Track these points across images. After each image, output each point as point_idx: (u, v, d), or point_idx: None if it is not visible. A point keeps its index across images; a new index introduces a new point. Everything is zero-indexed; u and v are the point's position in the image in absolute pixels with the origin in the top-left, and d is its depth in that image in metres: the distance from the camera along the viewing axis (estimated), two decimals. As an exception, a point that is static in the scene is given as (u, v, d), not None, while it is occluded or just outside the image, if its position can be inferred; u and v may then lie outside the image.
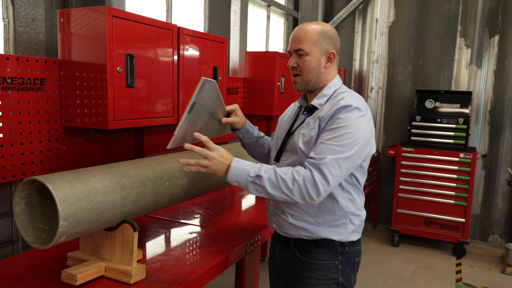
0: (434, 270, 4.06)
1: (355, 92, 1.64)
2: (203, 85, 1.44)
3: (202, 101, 1.50)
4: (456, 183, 4.35)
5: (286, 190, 1.44)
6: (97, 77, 1.79)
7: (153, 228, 2.15)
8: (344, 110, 1.49)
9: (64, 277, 1.47)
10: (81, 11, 1.80)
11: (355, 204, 1.61)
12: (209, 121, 1.65)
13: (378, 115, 5.24)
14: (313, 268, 1.62)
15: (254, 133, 1.87)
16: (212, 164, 1.48)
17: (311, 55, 1.60)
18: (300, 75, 1.63)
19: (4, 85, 1.72)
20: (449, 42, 4.78)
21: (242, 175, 1.47)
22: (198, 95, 1.44)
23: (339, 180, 1.47)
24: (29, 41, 2.01)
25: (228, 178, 1.49)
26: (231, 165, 1.48)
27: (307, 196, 1.44)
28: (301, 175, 1.44)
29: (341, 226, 1.60)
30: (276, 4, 4.60)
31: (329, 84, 1.65)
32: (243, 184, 1.49)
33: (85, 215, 1.36)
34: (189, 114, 1.46)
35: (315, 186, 1.43)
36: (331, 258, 1.61)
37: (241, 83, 3.51)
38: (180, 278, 1.57)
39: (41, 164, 1.90)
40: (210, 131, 1.70)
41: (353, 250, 1.64)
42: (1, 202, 1.91)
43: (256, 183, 1.46)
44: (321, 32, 1.60)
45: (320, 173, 1.43)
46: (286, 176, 1.45)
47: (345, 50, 5.35)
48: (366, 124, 1.52)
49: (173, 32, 2.13)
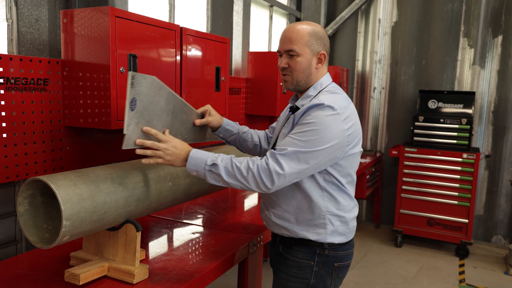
0: (437, 270, 4.05)
1: (340, 92, 1.64)
2: (136, 80, 1.42)
3: (147, 99, 1.49)
4: (459, 183, 4.34)
5: (241, 178, 1.48)
6: (100, 77, 1.79)
7: (156, 228, 2.16)
8: (315, 108, 1.50)
9: (67, 277, 1.48)
10: (84, 11, 1.80)
11: (337, 204, 1.60)
12: (179, 124, 1.68)
13: (381, 115, 5.23)
14: (288, 264, 1.65)
15: (234, 129, 1.91)
16: (166, 154, 1.51)
17: (302, 56, 1.60)
18: (290, 75, 1.63)
19: (8, 85, 1.73)
20: (452, 42, 4.77)
21: (200, 164, 1.50)
22: (133, 90, 1.42)
23: (298, 174, 1.48)
24: (32, 41, 2.01)
25: (187, 167, 1.52)
26: (190, 155, 1.52)
27: (262, 184, 1.46)
28: (256, 163, 1.47)
29: (320, 226, 1.60)
30: (278, 4, 4.60)
31: (314, 85, 1.65)
32: (201, 173, 1.52)
33: (88, 215, 1.36)
34: (132, 112, 1.43)
35: (269, 175, 1.45)
36: (308, 258, 1.62)
37: (244, 83, 3.52)
38: (183, 278, 1.57)
39: (44, 164, 1.91)
40: (185, 135, 1.74)
41: (334, 254, 1.62)
42: (4, 202, 1.92)
43: (212, 171, 1.50)
44: (312, 33, 1.60)
45: (276, 162, 1.46)
46: (241, 164, 1.48)
47: (347, 50, 5.35)
48: (339, 123, 1.50)
49: (176, 32, 2.13)
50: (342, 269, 1.67)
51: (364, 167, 4.29)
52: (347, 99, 1.62)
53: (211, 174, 1.50)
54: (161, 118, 1.58)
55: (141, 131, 1.49)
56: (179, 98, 1.65)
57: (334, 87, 1.66)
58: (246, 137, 1.94)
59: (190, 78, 2.29)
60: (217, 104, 2.57)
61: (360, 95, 5.36)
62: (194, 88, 2.33)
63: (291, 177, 1.47)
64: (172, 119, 1.64)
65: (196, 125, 1.78)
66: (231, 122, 1.90)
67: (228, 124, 1.89)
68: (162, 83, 1.55)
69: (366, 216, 5.40)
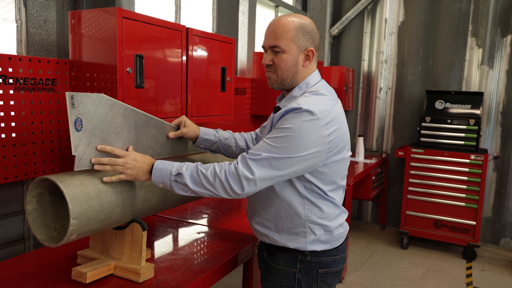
0: (444, 273, 4.02)
1: (325, 93, 1.53)
2: (76, 100, 1.35)
3: (97, 117, 1.41)
4: (466, 185, 4.31)
5: (208, 186, 1.41)
6: (107, 78, 1.81)
7: (162, 227, 2.17)
8: (292, 112, 1.40)
9: (74, 275, 1.49)
10: (91, 12, 1.82)
11: (320, 212, 1.51)
12: (148, 139, 1.64)
13: (387, 116, 5.21)
14: (272, 272, 1.60)
15: (214, 138, 1.81)
16: (126, 169, 1.43)
17: (288, 53, 1.49)
18: (275, 73, 1.54)
19: (17, 86, 1.75)
20: (460, 42, 4.74)
21: (165, 175, 1.43)
22: (74, 110, 1.33)
23: (269, 180, 1.40)
24: (41, 42, 2.04)
25: (152, 180, 1.45)
26: (154, 167, 1.45)
27: (230, 190, 1.39)
28: (223, 169, 1.40)
29: (300, 234, 1.52)
30: (284, 5, 4.61)
31: (300, 84, 1.55)
32: (167, 185, 1.45)
33: (95, 214, 1.37)
34: (79, 132, 1.36)
35: (238, 180, 1.38)
36: (289, 265, 1.55)
37: (249, 84, 3.52)
38: (188, 277, 1.58)
39: (52, 163, 1.93)
40: (159, 149, 1.70)
41: (317, 260, 1.54)
42: (13, 200, 1.94)
43: (178, 182, 1.43)
44: (299, 27, 1.48)
45: (245, 167, 1.38)
46: (207, 171, 1.41)
47: (353, 50, 5.34)
48: (318, 129, 1.40)
49: (182, 33, 2.14)
50: (329, 276, 1.57)
51: (369, 168, 4.28)
52: (331, 100, 1.51)
53: (177, 184, 1.43)
54: (121, 135, 1.52)
55: (95, 150, 1.43)
56: (141, 113, 1.59)
57: (319, 87, 1.54)
58: (230, 142, 1.84)
59: (196, 78, 2.30)
60: (222, 104, 2.58)
61: (366, 95, 5.34)
62: (200, 88, 2.34)
63: (262, 183, 1.40)
64: (137, 134, 1.59)
65: (170, 137, 1.72)
66: (209, 131, 1.81)
67: (206, 133, 1.79)
68: (115, 100, 1.47)
69: (372, 218, 5.38)
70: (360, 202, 5.40)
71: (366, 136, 5.34)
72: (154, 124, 1.67)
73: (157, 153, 1.70)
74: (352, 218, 5.42)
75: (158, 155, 1.71)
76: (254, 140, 1.92)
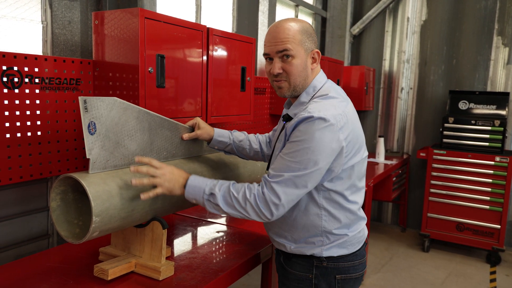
0: (466, 277, 3.93)
1: (334, 94, 1.48)
2: (89, 104, 1.37)
3: (110, 120, 1.43)
4: (491, 187, 4.20)
5: (240, 209, 1.40)
6: (129, 77, 1.83)
7: (181, 226, 2.19)
8: (304, 122, 1.36)
9: (96, 272, 1.52)
10: (114, 13, 1.85)
11: (337, 223, 1.48)
12: (162, 141, 1.65)
13: (409, 116, 5.13)
14: (289, 277, 1.59)
15: (228, 140, 1.81)
16: (163, 181, 1.43)
17: (298, 58, 1.44)
18: (287, 81, 1.48)
19: (43, 85, 1.80)
20: (485, 41, 4.62)
21: (198, 193, 1.43)
22: (87, 114, 1.36)
23: (295, 198, 1.39)
24: (65, 42, 2.08)
25: (186, 196, 1.45)
26: (187, 183, 1.45)
27: (262, 215, 1.39)
28: (253, 193, 1.38)
29: (316, 243, 1.50)
30: (304, 4, 4.58)
31: (307, 89, 1.50)
32: (200, 202, 1.45)
33: (116, 211, 1.39)
34: (92, 136, 1.38)
35: (266, 205, 1.37)
36: (305, 270, 1.53)
37: (269, 83, 3.51)
38: (208, 276, 1.58)
39: (76, 161, 1.97)
40: (173, 151, 1.71)
41: (334, 266, 1.51)
42: (38, 197, 1.99)
43: (211, 201, 1.42)
44: (303, 31, 1.45)
45: (272, 193, 1.37)
46: (238, 194, 1.40)
47: (374, 50, 5.27)
48: (335, 134, 1.35)
49: (203, 33, 2.15)
50: (348, 282, 1.53)
51: (390, 169, 4.22)
52: (342, 102, 1.46)
53: (210, 204, 1.43)
54: (135, 137, 1.54)
55: (110, 152, 1.44)
56: (155, 115, 1.61)
57: (327, 89, 1.50)
58: (244, 145, 1.84)
59: (216, 78, 2.31)
60: (242, 104, 2.58)
61: (387, 95, 5.27)
62: (220, 88, 2.35)
63: (290, 203, 1.39)
64: (151, 136, 1.60)
65: (184, 139, 1.74)
66: (224, 133, 1.80)
67: (221, 135, 1.79)
68: (128, 103, 1.49)
69: (392, 219, 5.30)
70: (380, 203, 5.33)
71: (387, 136, 5.27)
72: (168, 125, 1.68)
73: (171, 155, 1.71)
74: (372, 219, 5.35)
75: (173, 157, 1.72)
76: (268, 143, 1.90)
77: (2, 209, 1.85)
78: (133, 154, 1.55)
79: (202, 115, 2.24)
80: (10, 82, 1.68)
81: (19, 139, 1.73)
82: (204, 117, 2.25)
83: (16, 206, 1.90)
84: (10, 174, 1.71)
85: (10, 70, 1.67)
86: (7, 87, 1.67)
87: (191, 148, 1.82)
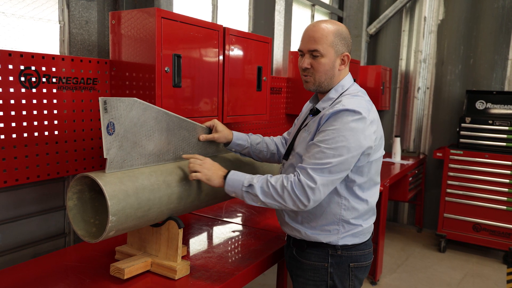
0: (483, 278, 3.86)
1: (362, 94, 1.59)
2: (109, 105, 1.38)
3: (129, 121, 1.44)
4: (508, 188, 4.11)
5: (277, 197, 1.45)
6: (146, 77, 1.83)
7: (197, 225, 2.19)
8: (340, 113, 1.45)
9: (112, 271, 1.52)
10: (131, 13, 1.85)
11: (354, 212, 1.56)
12: (179, 141, 1.67)
13: (425, 116, 5.05)
14: (304, 267, 1.63)
15: (246, 143, 1.86)
16: (203, 168, 1.55)
17: (326, 57, 1.55)
18: (312, 76, 1.59)
19: (60, 85, 1.81)
20: (503, 40, 4.52)
21: (237, 186, 1.51)
22: (107, 115, 1.38)
23: (330, 184, 1.45)
24: (82, 42, 2.10)
25: (226, 189, 1.53)
26: (228, 176, 1.53)
27: (298, 201, 1.43)
28: (290, 181, 1.44)
29: (332, 231, 1.57)
30: (320, 4, 4.54)
31: (336, 87, 1.61)
32: (239, 195, 1.51)
33: (133, 211, 1.40)
34: (111, 136, 1.40)
35: (303, 190, 1.42)
36: (321, 260, 1.59)
37: (285, 83, 3.50)
38: (223, 275, 1.58)
39: (92, 160, 1.98)
40: (190, 151, 1.73)
41: (348, 254, 1.59)
42: (55, 196, 2.01)
43: (249, 192, 1.49)
44: (336, 33, 1.55)
45: (308, 177, 1.42)
46: (276, 183, 1.46)
47: (391, 49, 5.20)
48: (366, 127, 1.46)
49: (219, 32, 2.15)
50: (360, 270, 1.62)
51: (406, 169, 4.16)
52: (369, 102, 1.58)
53: (248, 195, 1.50)
54: (153, 137, 1.55)
55: (127, 152, 1.46)
56: (173, 115, 1.62)
57: (356, 89, 1.62)
58: (261, 147, 1.89)
59: (232, 77, 2.30)
60: (258, 103, 2.57)
61: (403, 95, 5.20)
62: (236, 87, 2.34)
63: (325, 188, 1.44)
64: (168, 136, 1.62)
65: (201, 140, 1.76)
66: (242, 136, 1.86)
67: (239, 138, 1.84)
68: (147, 103, 1.50)
69: (408, 220, 5.23)
70: (396, 203, 5.27)
71: (403, 136, 5.21)
72: (186, 126, 1.69)
73: (188, 154, 1.72)
74: (387, 219, 5.29)
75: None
76: (284, 144, 1.95)
77: (19, 207, 1.87)
78: (150, 154, 1.55)
79: (218, 115, 2.23)
80: (27, 82, 1.69)
81: (36, 138, 1.75)
82: (220, 117, 2.25)
83: (33, 205, 1.92)
84: (27, 173, 1.73)
85: (28, 70, 1.69)
86: (25, 87, 1.69)
87: (207, 148, 1.82)
